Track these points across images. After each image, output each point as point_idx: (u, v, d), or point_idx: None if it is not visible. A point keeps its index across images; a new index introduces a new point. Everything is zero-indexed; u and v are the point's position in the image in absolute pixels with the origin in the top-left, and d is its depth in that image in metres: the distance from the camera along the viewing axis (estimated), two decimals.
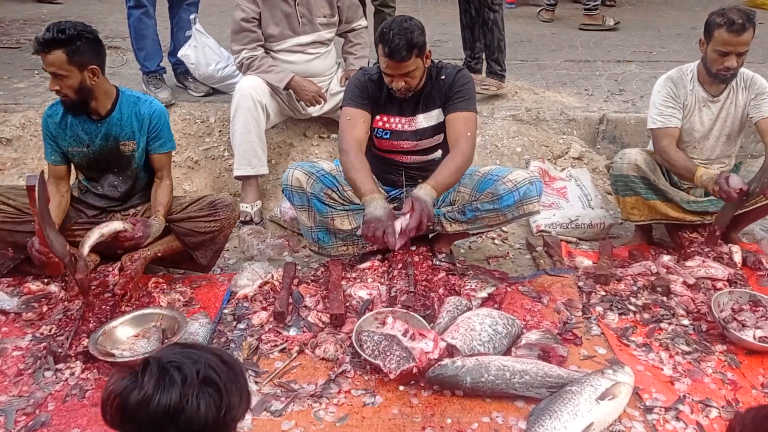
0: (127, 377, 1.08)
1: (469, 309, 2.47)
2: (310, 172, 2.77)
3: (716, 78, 2.84)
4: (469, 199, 2.79)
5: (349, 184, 2.67)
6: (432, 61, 2.70)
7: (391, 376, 2.14)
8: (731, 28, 2.70)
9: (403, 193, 2.85)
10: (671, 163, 2.90)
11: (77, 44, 2.45)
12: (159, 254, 2.78)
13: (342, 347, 2.36)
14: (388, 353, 2.19)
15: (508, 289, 2.72)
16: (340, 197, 2.81)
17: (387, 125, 2.77)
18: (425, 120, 2.76)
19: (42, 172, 2.32)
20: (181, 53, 3.87)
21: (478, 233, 2.93)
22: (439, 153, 2.85)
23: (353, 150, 2.62)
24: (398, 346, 2.19)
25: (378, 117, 2.77)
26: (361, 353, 2.24)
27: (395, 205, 2.77)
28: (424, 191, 2.47)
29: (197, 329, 2.44)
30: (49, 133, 2.67)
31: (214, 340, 2.44)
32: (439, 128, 2.77)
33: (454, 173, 2.59)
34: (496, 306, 2.58)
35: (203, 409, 1.10)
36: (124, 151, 2.69)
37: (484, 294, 2.61)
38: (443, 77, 2.70)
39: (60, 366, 2.26)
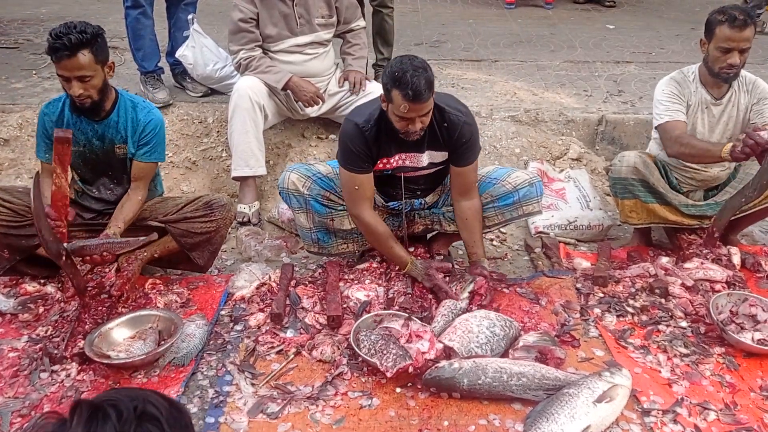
0: (54, 422, 0.94)
1: (464, 311, 2.46)
2: (306, 175, 2.74)
3: (719, 77, 2.83)
4: None
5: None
6: None
7: (389, 375, 2.14)
8: (733, 24, 2.69)
9: (402, 204, 2.82)
10: (692, 147, 2.78)
11: (98, 41, 2.44)
12: (156, 255, 2.78)
13: (339, 349, 2.35)
14: (384, 352, 2.18)
15: (506, 291, 2.72)
16: (338, 198, 2.80)
17: (388, 165, 2.69)
18: (429, 157, 2.68)
19: (37, 172, 2.31)
20: (179, 53, 3.86)
21: None
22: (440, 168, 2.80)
23: (368, 213, 2.65)
24: (395, 345, 2.19)
25: (378, 161, 2.67)
26: (358, 352, 2.24)
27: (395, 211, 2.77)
28: (484, 262, 2.70)
29: (194, 331, 2.43)
30: (44, 131, 2.64)
31: (211, 342, 2.43)
32: (443, 162, 2.72)
33: (482, 230, 2.78)
34: (486, 301, 2.56)
35: None
36: (119, 154, 2.67)
37: (466, 294, 2.55)
38: (446, 124, 2.58)
39: (56, 367, 2.25)
